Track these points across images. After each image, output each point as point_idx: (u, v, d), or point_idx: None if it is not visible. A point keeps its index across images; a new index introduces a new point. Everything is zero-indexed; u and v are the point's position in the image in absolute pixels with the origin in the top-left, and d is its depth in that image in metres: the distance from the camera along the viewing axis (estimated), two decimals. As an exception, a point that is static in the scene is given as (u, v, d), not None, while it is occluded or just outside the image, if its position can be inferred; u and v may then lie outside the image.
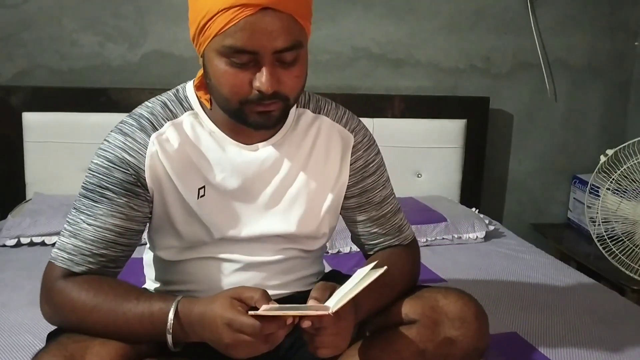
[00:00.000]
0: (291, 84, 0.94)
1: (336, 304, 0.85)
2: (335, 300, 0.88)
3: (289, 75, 0.93)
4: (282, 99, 0.95)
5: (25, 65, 2.20)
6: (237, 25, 0.88)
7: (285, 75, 0.93)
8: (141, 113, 1.03)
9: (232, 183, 1.04)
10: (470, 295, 1.05)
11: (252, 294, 0.88)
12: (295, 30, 0.92)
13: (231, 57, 0.91)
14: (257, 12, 0.88)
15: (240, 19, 0.88)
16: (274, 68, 0.91)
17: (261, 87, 0.91)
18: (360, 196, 1.14)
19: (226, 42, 0.90)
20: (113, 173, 0.99)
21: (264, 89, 0.91)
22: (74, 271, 0.97)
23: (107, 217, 0.98)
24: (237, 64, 0.91)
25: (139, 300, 0.92)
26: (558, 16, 2.55)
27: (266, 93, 0.92)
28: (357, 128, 1.13)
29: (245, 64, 0.91)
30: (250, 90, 0.92)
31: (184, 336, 0.91)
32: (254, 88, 0.92)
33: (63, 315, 0.96)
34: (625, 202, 2.09)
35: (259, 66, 0.91)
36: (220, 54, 0.91)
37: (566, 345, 1.41)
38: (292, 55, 0.92)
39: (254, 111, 0.95)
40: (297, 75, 0.95)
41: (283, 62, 0.92)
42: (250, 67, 0.91)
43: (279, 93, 0.93)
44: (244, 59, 0.91)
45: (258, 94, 0.92)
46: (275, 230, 1.07)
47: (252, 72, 0.92)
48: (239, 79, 0.92)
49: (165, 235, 1.06)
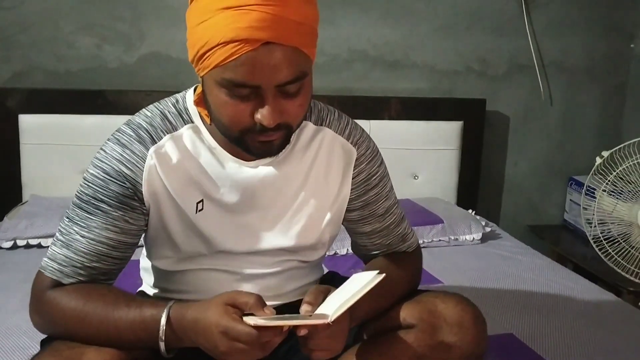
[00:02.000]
0: (294, 113, 0.91)
1: (334, 313, 0.84)
2: (331, 307, 0.87)
3: (292, 105, 0.90)
4: (284, 127, 0.92)
5: (21, 67, 2.20)
6: (238, 60, 0.84)
7: (288, 105, 0.89)
8: (140, 123, 1.00)
9: (231, 198, 1.02)
10: (469, 300, 1.04)
11: (247, 300, 0.86)
12: (300, 61, 0.88)
13: (231, 89, 0.87)
14: (258, 47, 0.84)
15: (240, 54, 0.84)
16: (277, 100, 0.88)
17: (263, 121, 0.88)
18: (362, 209, 1.11)
19: (226, 75, 0.86)
20: (109, 185, 0.96)
21: (266, 123, 0.88)
22: (63, 282, 0.96)
23: (101, 230, 0.96)
24: (237, 96, 0.88)
25: (129, 308, 0.91)
26: (553, 18, 2.56)
27: (268, 127, 0.88)
28: (360, 140, 1.10)
29: (247, 95, 0.87)
30: (252, 122, 0.89)
31: (177, 342, 0.90)
32: (255, 120, 0.89)
33: (53, 325, 0.95)
34: (621, 204, 2.09)
35: (261, 99, 0.87)
36: (220, 85, 0.88)
37: (562, 346, 1.41)
38: (296, 87, 0.89)
39: (256, 141, 0.92)
40: (301, 104, 0.91)
41: (286, 93, 0.88)
42: (251, 98, 0.88)
43: (281, 124, 0.90)
44: (244, 92, 0.87)
45: (260, 126, 0.89)
46: (274, 245, 1.06)
47: (254, 103, 0.88)
48: (239, 111, 0.88)
49: (161, 246, 1.05)
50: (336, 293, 0.92)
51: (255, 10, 0.83)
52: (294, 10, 0.86)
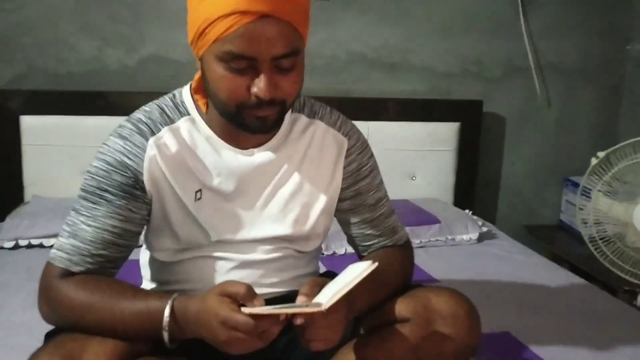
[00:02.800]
0: (288, 90, 0.96)
1: (329, 301, 0.86)
2: (326, 296, 0.89)
3: (287, 81, 0.95)
4: (279, 104, 0.96)
5: (23, 69, 2.22)
6: (236, 32, 0.89)
7: (282, 80, 0.94)
8: (139, 117, 1.04)
9: (228, 186, 1.06)
10: (461, 293, 1.07)
11: (237, 290, 0.89)
12: (294, 37, 0.93)
13: (229, 62, 0.92)
14: (256, 19, 0.89)
15: (239, 25, 0.89)
16: (272, 74, 0.93)
17: (259, 93, 0.92)
18: (354, 199, 1.15)
19: (225, 47, 0.91)
20: (112, 176, 1.00)
21: (262, 95, 0.92)
22: (72, 271, 0.98)
23: (106, 219, 0.99)
24: (235, 69, 0.92)
25: (135, 298, 0.94)
26: (549, 20, 2.58)
27: (264, 99, 0.93)
28: (350, 132, 1.15)
29: (244, 69, 0.92)
30: (248, 96, 0.94)
31: (180, 333, 0.93)
32: (251, 93, 0.93)
33: (60, 314, 0.97)
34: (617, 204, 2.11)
35: (257, 72, 0.92)
36: (218, 59, 0.92)
37: (558, 345, 1.42)
38: (290, 62, 0.94)
39: (252, 116, 0.96)
40: (295, 81, 0.96)
41: (281, 68, 0.93)
42: (248, 72, 0.93)
43: (276, 98, 0.94)
44: (242, 65, 0.92)
45: (256, 100, 0.93)
46: (269, 233, 1.09)
47: (250, 77, 0.93)
48: (236, 84, 0.93)
49: (162, 237, 1.08)
50: (331, 284, 0.94)
51: None
52: None
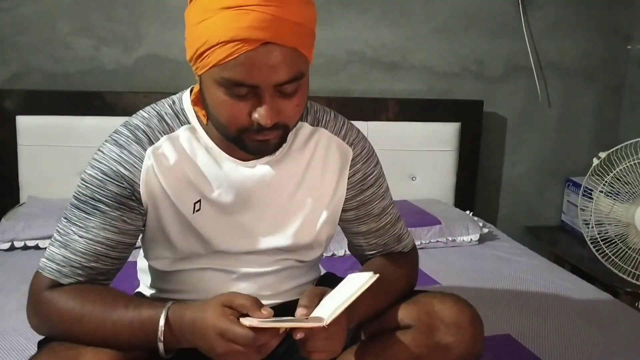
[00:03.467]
0: (291, 114, 0.92)
1: (330, 316, 0.84)
2: (327, 309, 0.87)
3: (290, 105, 0.91)
4: (281, 127, 0.93)
5: (19, 69, 2.20)
6: (237, 60, 0.85)
7: (285, 105, 0.90)
8: (137, 124, 1.00)
9: (228, 198, 1.02)
10: (466, 301, 1.05)
11: (244, 302, 0.87)
12: (298, 62, 0.89)
13: (230, 88, 0.88)
14: (258, 47, 0.85)
15: (240, 53, 0.85)
16: (274, 100, 0.89)
17: (260, 120, 0.89)
18: (358, 209, 1.12)
19: (225, 74, 0.87)
20: (107, 186, 0.96)
21: (263, 123, 0.89)
22: (62, 282, 0.96)
23: (99, 230, 0.96)
24: (235, 96, 0.88)
25: (127, 308, 0.91)
26: (550, 20, 2.57)
27: (266, 127, 0.89)
28: (355, 140, 1.11)
29: (244, 95, 0.88)
30: (249, 121, 0.90)
31: (175, 343, 0.90)
32: (253, 119, 0.90)
33: (51, 326, 0.95)
34: (618, 205, 2.10)
35: (259, 98, 0.88)
36: (218, 84, 0.88)
37: (559, 347, 1.42)
38: (294, 87, 0.90)
39: (253, 139, 0.93)
40: (298, 104, 0.92)
41: (283, 93, 0.90)
42: (249, 97, 0.89)
43: (278, 123, 0.91)
44: (242, 92, 0.88)
45: (257, 125, 0.90)
46: (271, 245, 1.06)
47: (252, 103, 0.89)
48: (237, 110, 0.89)
49: (158, 246, 1.05)
50: (332, 295, 0.92)
51: (255, 11, 0.84)
52: (293, 12, 0.87)
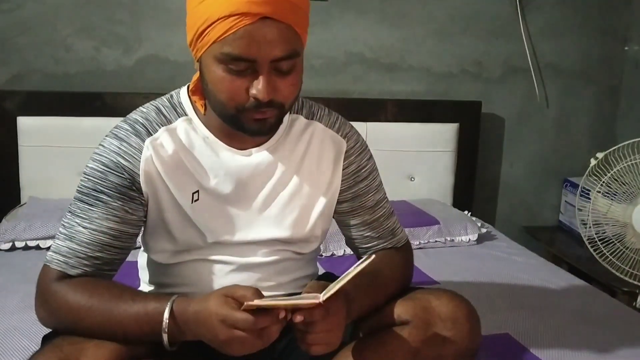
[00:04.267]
0: (287, 92, 0.96)
1: (325, 293, 0.86)
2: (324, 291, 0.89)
3: (285, 83, 0.94)
4: (277, 106, 0.96)
5: (20, 70, 2.21)
6: (236, 34, 0.89)
7: (281, 83, 0.94)
8: (135, 118, 1.04)
9: (226, 188, 1.05)
10: (462, 296, 1.06)
11: (245, 293, 0.88)
12: (293, 40, 0.93)
13: (229, 64, 0.91)
14: (256, 21, 0.89)
15: (239, 27, 0.89)
16: (271, 76, 0.92)
17: (258, 95, 0.92)
18: (353, 200, 1.15)
19: (224, 49, 0.90)
20: (108, 177, 0.99)
21: (260, 97, 0.92)
22: (69, 274, 0.98)
23: (102, 221, 0.99)
24: (234, 71, 0.92)
25: (134, 301, 0.93)
26: (548, 21, 2.58)
27: (262, 101, 0.93)
28: (349, 133, 1.14)
29: (243, 71, 0.92)
30: (247, 98, 0.93)
31: (180, 335, 0.92)
32: (250, 95, 0.93)
33: (59, 318, 0.97)
34: (616, 205, 2.11)
35: (256, 74, 0.92)
36: (217, 61, 0.92)
37: (558, 346, 1.42)
38: (289, 64, 0.93)
39: (250, 118, 0.96)
40: (293, 84, 0.96)
41: (280, 70, 0.93)
42: (247, 74, 0.92)
43: (274, 101, 0.94)
44: (241, 67, 0.92)
45: (254, 102, 0.93)
46: (268, 235, 1.09)
47: (249, 79, 0.93)
48: (235, 86, 0.93)
49: (159, 238, 1.07)
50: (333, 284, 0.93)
51: None
52: None
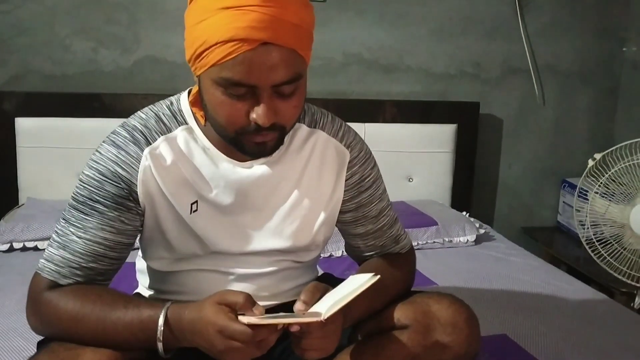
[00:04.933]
0: (288, 115, 0.93)
1: (327, 311, 0.85)
2: (325, 306, 0.88)
3: (287, 106, 0.91)
4: (279, 129, 0.93)
5: (18, 71, 2.21)
6: (236, 59, 0.86)
7: (283, 105, 0.91)
8: (134, 125, 1.00)
9: (225, 199, 1.03)
10: (462, 301, 1.05)
11: (236, 299, 0.87)
12: (296, 63, 0.89)
13: (228, 88, 0.88)
14: (256, 47, 0.85)
15: (238, 53, 0.85)
16: (272, 100, 0.89)
17: (258, 120, 0.89)
18: (356, 211, 1.12)
19: (223, 74, 0.87)
20: (105, 186, 0.97)
21: (261, 123, 0.89)
22: (61, 283, 0.96)
23: (97, 231, 0.96)
24: (234, 96, 0.89)
25: (127, 309, 0.91)
26: (546, 22, 2.58)
27: (263, 126, 0.90)
28: (353, 142, 1.11)
29: (243, 95, 0.89)
30: (247, 121, 0.90)
31: (175, 342, 0.91)
32: (250, 119, 0.90)
33: (51, 327, 0.95)
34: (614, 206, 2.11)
35: (257, 98, 0.89)
36: (216, 84, 0.89)
37: (555, 347, 1.42)
38: (291, 88, 0.90)
39: (251, 141, 0.93)
40: (295, 106, 0.93)
41: (281, 94, 0.90)
42: (247, 98, 0.89)
43: (276, 124, 0.91)
44: (241, 92, 0.89)
45: (255, 125, 0.90)
46: (268, 246, 1.07)
47: (250, 103, 0.90)
48: (235, 110, 0.90)
49: (156, 247, 1.05)
50: (332, 293, 0.93)
51: (255, 11, 0.85)
52: (292, 13, 0.88)
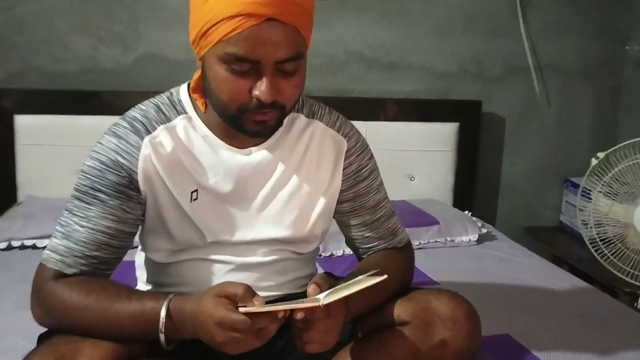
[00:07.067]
0: (289, 94, 0.95)
1: (327, 297, 0.85)
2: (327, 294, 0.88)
3: (289, 84, 0.94)
4: (279, 108, 0.95)
5: (17, 68, 2.20)
6: (241, 34, 0.88)
7: (284, 84, 0.93)
8: (134, 116, 1.03)
9: (225, 187, 1.04)
10: (462, 296, 1.05)
11: (236, 291, 0.88)
12: (298, 41, 0.92)
13: (232, 64, 0.91)
14: (261, 23, 0.88)
15: (244, 28, 0.88)
16: (275, 78, 0.92)
17: (260, 96, 0.91)
18: (353, 201, 1.14)
19: (228, 49, 0.90)
20: (106, 175, 0.99)
21: (263, 99, 0.91)
22: (66, 273, 0.97)
23: (99, 219, 0.98)
24: (237, 72, 0.91)
25: (130, 300, 0.93)
26: (548, 21, 2.57)
27: (265, 102, 0.92)
28: (350, 133, 1.13)
29: (246, 72, 0.91)
30: (249, 98, 0.93)
31: (177, 334, 0.92)
32: (253, 96, 0.92)
33: (55, 317, 0.96)
34: (617, 205, 2.10)
35: (260, 75, 0.91)
36: (221, 60, 0.91)
37: (558, 347, 1.42)
38: (293, 66, 0.93)
39: (251, 119, 0.95)
40: (296, 85, 0.95)
41: (283, 71, 0.92)
42: (250, 75, 0.92)
43: (277, 102, 0.94)
44: (245, 67, 0.91)
45: (256, 102, 0.93)
46: (267, 235, 1.08)
47: (252, 80, 0.92)
48: (238, 86, 0.92)
49: (157, 237, 1.06)
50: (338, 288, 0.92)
51: None
52: None
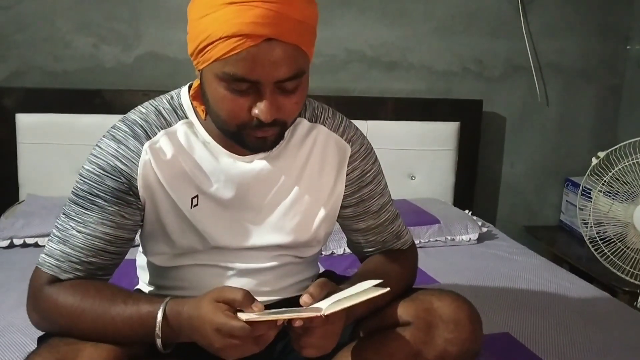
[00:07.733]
0: (290, 111, 0.93)
1: (329, 307, 0.84)
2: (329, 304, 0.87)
3: (289, 102, 0.91)
4: (280, 124, 0.93)
5: (18, 67, 2.20)
6: (239, 55, 0.85)
7: (285, 101, 0.91)
8: (134, 119, 1.00)
9: (226, 193, 1.02)
10: (464, 298, 1.05)
11: (234, 296, 0.86)
12: (299, 60, 0.89)
13: (231, 84, 0.88)
14: (260, 43, 0.85)
15: (242, 49, 0.85)
16: (274, 96, 0.89)
17: (260, 116, 0.89)
18: (357, 206, 1.12)
19: (226, 69, 0.87)
20: (105, 181, 0.97)
21: (263, 118, 0.89)
22: (61, 278, 0.96)
23: (97, 225, 0.96)
24: (236, 91, 0.89)
25: (126, 304, 0.91)
26: (549, 20, 2.57)
27: (265, 122, 0.90)
28: (354, 137, 1.11)
29: (245, 90, 0.89)
30: (249, 116, 0.90)
31: (174, 337, 0.91)
32: (252, 115, 0.90)
33: (51, 322, 0.95)
34: (617, 204, 2.10)
35: (259, 93, 0.89)
36: (219, 79, 0.88)
37: (558, 346, 1.42)
38: (294, 84, 0.90)
39: (252, 135, 0.93)
40: (297, 102, 0.93)
41: (284, 89, 0.90)
42: (250, 93, 0.89)
43: (277, 119, 0.91)
44: (243, 87, 0.88)
45: (257, 121, 0.90)
46: (269, 241, 1.06)
47: (252, 98, 0.89)
48: (237, 105, 0.90)
49: (157, 242, 1.05)
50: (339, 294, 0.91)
51: (259, 7, 0.85)
52: (296, 9, 0.87)
